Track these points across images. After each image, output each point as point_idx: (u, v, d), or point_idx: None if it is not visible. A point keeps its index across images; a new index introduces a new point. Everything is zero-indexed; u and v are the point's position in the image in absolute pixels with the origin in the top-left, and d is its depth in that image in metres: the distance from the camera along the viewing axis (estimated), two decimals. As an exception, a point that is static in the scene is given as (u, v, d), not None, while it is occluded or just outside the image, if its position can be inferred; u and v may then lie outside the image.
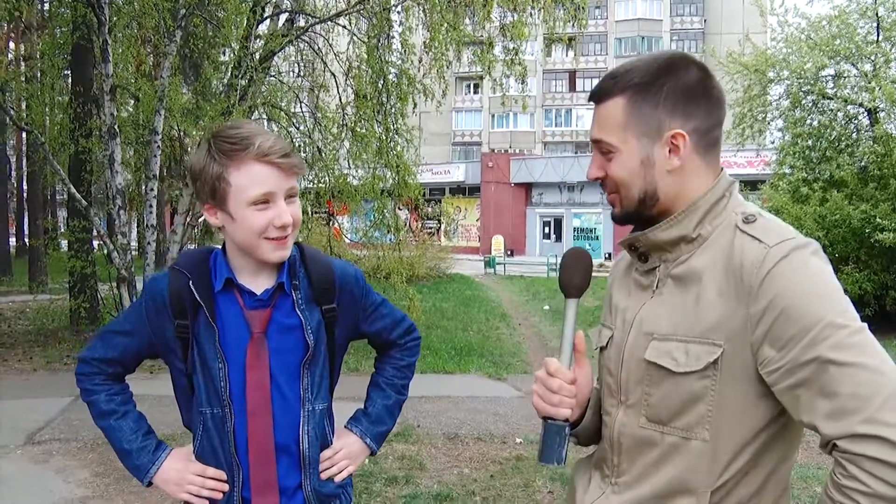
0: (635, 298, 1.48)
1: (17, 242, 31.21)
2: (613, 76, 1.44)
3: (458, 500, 4.76)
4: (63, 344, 10.45)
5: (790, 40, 15.49)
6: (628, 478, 1.44)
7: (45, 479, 5.22)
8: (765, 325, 1.24)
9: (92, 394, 1.88)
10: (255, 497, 1.77)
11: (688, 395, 1.32)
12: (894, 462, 1.10)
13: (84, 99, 11.14)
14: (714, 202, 1.39)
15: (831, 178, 13.52)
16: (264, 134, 1.69)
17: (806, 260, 1.26)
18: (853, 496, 1.13)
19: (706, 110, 1.39)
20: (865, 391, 1.14)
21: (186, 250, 2.12)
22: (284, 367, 1.78)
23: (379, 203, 11.30)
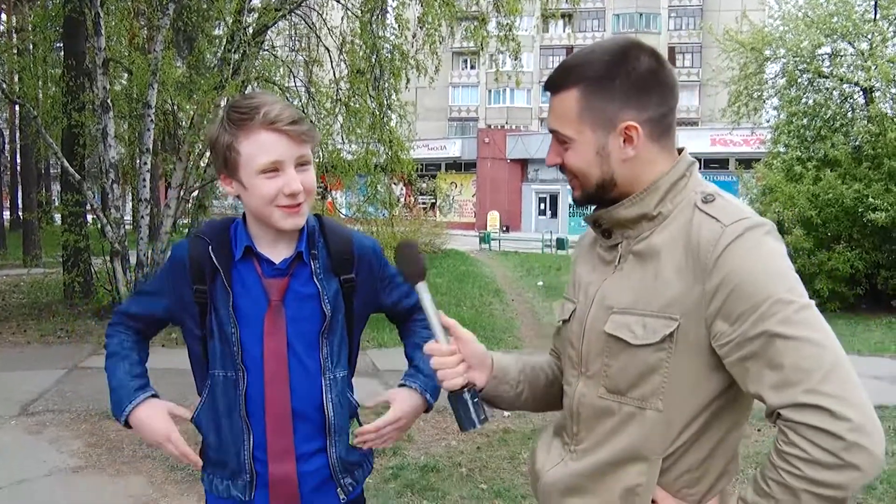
0: (598, 273, 1.54)
1: (11, 216, 31.12)
2: (567, 68, 1.48)
3: (444, 472, 4.84)
4: (57, 317, 10.49)
5: (787, 18, 15.44)
6: (586, 445, 1.50)
7: (38, 450, 5.28)
8: (718, 301, 1.30)
9: (109, 338, 1.96)
10: (272, 462, 1.79)
11: (644, 366, 1.38)
12: (831, 430, 1.16)
13: (76, 72, 11.08)
14: (674, 181, 1.45)
15: (825, 157, 13.55)
16: (274, 103, 1.71)
17: (759, 239, 1.31)
18: (793, 462, 1.20)
19: (659, 99, 1.43)
20: (808, 364, 1.20)
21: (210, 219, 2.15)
22: (302, 336, 1.81)
23: (372, 178, 11.30)
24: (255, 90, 11.68)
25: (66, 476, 4.83)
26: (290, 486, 1.81)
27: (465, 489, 4.55)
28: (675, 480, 1.42)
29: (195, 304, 1.81)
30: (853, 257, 12.56)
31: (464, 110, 56.50)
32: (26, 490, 4.57)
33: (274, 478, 1.81)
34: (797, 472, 1.19)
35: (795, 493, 1.20)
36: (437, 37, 10.21)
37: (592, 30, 53.54)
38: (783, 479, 1.21)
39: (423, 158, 41.09)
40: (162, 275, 1.92)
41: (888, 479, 4.74)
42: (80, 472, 4.89)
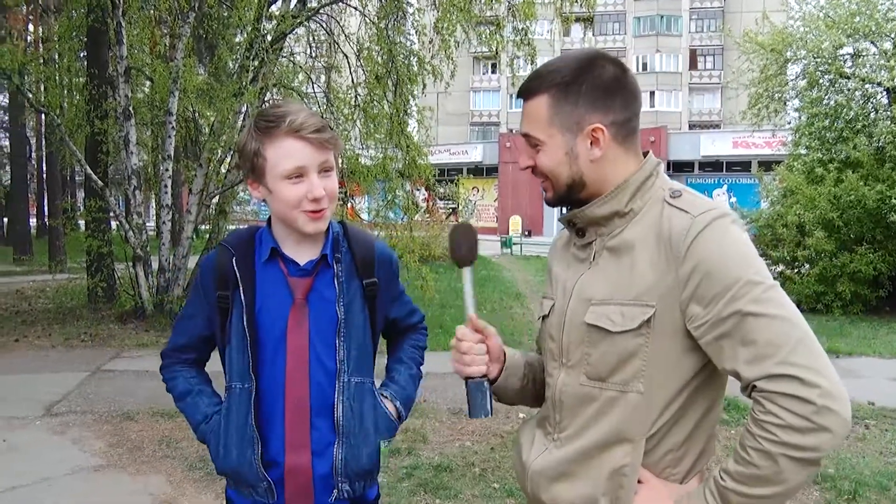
0: (573, 270, 1.63)
1: (37, 223, 31.60)
2: (538, 76, 1.58)
3: (458, 471, 4.88)
4: (81, 321, 10.66)
5: (808, 18, 15.32)
6: (570, 432, 1.58)
7: (62, 449, 5.40)
8: (692, 286, 1.40)
9: (170, 381, 2.00)
10: (290, 453, 1.84)
11: (624, 352, 1.47)
12: (802, 396, 1.27)
13: (99, 81, 11.27)
14: (643, 180, 1.55)
15: (847, 158, 13.40)
16: (300, 111, 1.78)
17: (726, 227, 1.42)
18: (769, 428, 1.29)
19: (622, 104, 1.54)
20: (778, 338, 1.32)
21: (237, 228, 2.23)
22: (322, 336, 1.86)
23: (391, 183, 11.37)
24: (273, 97, 11.81)
25: (87, 474, 4.93)
26: (305, 477, 1.85)
27: (478, 488, 4.59)
28: (658, 461, 1.50)
29: (217, 308, 1.88)
30: (876, 259, 12.40)
31: (485, 115, 56.47)
32: (50, 487, 4.67)
33: (290, 468, 1.84)
34: (774, 438, 1.29)
35: (773, 457, 1.29)
36: (453, 42, 10.27)
37: (613, 33, 53.38)
38: (761, 445, 1.30)
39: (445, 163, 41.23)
40: (195, 291, 1.98)
41: (903, 480, 4.72)
42: (102, 471, 4.99)
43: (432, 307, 12.09)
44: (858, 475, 4.82)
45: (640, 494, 1.48)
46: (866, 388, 7.24)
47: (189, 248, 10.66)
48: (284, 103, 1.85)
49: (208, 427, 1.92)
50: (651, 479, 1.50)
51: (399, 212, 12.18)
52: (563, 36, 46.82)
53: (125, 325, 10.28)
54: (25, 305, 12.68)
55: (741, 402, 6.20)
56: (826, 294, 12.57)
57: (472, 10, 10.34)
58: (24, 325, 10.58)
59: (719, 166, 36.28)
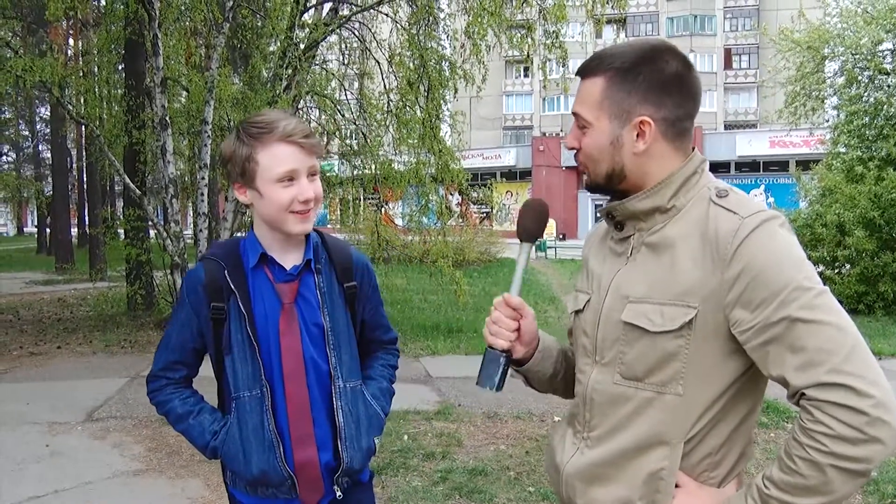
0: (610, 265, 1.60)
1: (78, 232, 32.21)
2: (599, 57, 1.54)
3: (492, 475, 4.87)
4: (121, 328, 10.85)
5: (845, 14, 15.10)
6: (600, 432, 1.55)
7: (103, 454, 5.50)
8: (738, 289, 1.36)
9: (166, 404, 2.02)
10: (297, 450, 1.92)
11: (662, 353, 1.44)
12: (855, 406, 1.22)
13: (137, 92, 11.48)
14: (687, 176, 1.51)
15: (888, 156, 13.15)
16: (288, 118, 1.87)
17: (775, 230, 1.38)
18: (818, 438, 1.25)
19: (677, 102, 1.50)
20: (830, 345, 1.27)
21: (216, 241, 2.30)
22: (313, 338, 1.94)
23: (424, 188, 11.39)
24: (307, 104, 11.92)
25: (127, 478, 5.01)
26: (314, 470, 1.93)
27: (513, 492, 4.57)
28: (696, 464, 1.46)
29: (210, 320, 1.93)
30: (919, 259, 12.16)
31: (518, 118, 56.39)
32: (91, 491, 4.76)
33: (300, 464, 1.91)
34: (823, 448, 1.24)
35: (822, 468, 1.25)
36: (485, 46, 10.25)
37: (647, 34, 52.91)
38: (809, 455, 1.26)
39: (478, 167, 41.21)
40: (181, 306, 2.01)
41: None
42: (141, 475, 5.07)
43: (466, 312, 12.09)
44: (903, 479, 4.71)
45: (679, 499, 1.45)
46: (911, 390, 7.07)
47: (226, 255, 10.78)
48: (266, 112, 1.93)
49: (219, 442, 1.94)
50: (689, 483, 1.46)
51: (433, 217, 12.20)
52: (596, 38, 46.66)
53: (164, 331, 10.42)
54: (67, 313, 12.94)
55: (780, 404, 6.10)
56: (868, 294, 12.32)
57: (503, 14, 10.31)
58: (66, 332, 10.79)
59: (756, 166, 35.82)
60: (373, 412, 2.03)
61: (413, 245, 16.04)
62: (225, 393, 1.97)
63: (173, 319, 2.05)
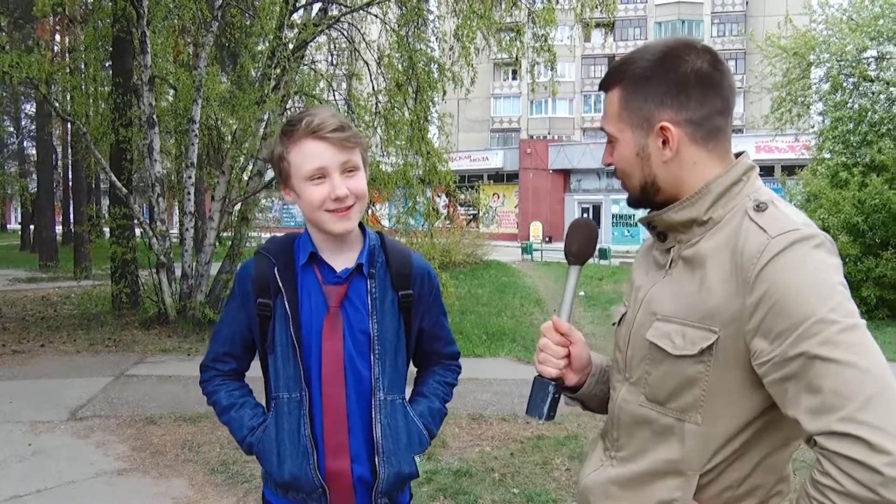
0: (650, 277, 1.52)
1: (63, 230, 31.98)
2: (615, 66, 1.48)
3: (477, 476, 4.88)
4: (105, 327, 10.78)
5: (831, 21, 15.24)
6: (625, 453, 1.50)
7: (86, 453, 5.46)
8: (758, 317, 1.24)
9: (213, 395, 1.99)
10: (329, 459, 1.84)
11: (682, 378, 1.35)
12: (868, 463, 1.08)
13: (124, 89, 11.43)
14: (728, 186, 1.39)
15: (872, 162, 13.30)
16: (319, 113, 1.79)
17: (806, 252, 1.24)
18: (827, 493, 1.12)
19: (699, 100, 1.38)
20: (848, 389, 1.12)
21: (274, 236, 2.21)
22: (357, 345, 1.86)
23: (411, 190, 11.41)
24: (295, 104, 11.90)
25: (111, 478, 4.98)
26: (346, 482, 1.86)
27: (497, 493, 4.59)
28: (715, 496, 1.37)
29: (257, 316, 1.88)
30: (902, 264, 12.29)
31: (506, 121, 56.43)
32: (74, 490, 4.73)
33: (331, 474, 1.85)
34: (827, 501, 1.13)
35: None
36: (474, 49, 10.29)
37: (634, 38, 53.17)
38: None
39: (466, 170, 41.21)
40: (232, 299, 1.97)
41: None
42: (125, 475, 5.04)
43: (452, 313, 12.10)
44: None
45: None
46: (892, 395, 7.15)
47: (211, 255, 10.75)
48: (307, 108, 1.89)
49: (255, 439, 1.90)
50: None
51: (420, 218, 12.21)
52: (584, 41, 46.75)
53: (148, 330, 10.39)
54: (51, 311, 12.85)
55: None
56: (851, 299, 12.44)
57: (492, 17, 10.37)
58: (50, 330, 10.72)
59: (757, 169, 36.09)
60: (415, 430, 1.92)
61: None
62: (267, 390, 1.93)
63: (225, 311, 2.01)
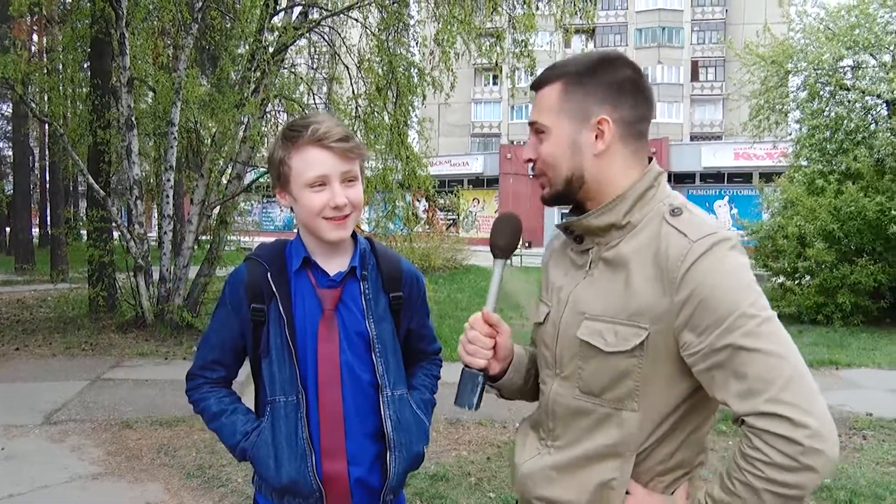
0: (570, 278, 1.61)
1: (39, 232, 31.67)
2: (553, 67, 1.59)
3: (454, 481, 4.89)
4: (82, 331, 10.68)
5: (808, 31, 15.40)
6: (562, 442, 1.59)
7: (61, 457, 5.41)
8: (686, 313, 1.38)
9: (201, 402, 1.98)
10: (326, 461, 1.85)
11: (616, 372, 1.47)
12: (791, 436, 1.26)
13: (102, 91, 11.34)
14: (642, 192, 1.52)
15: (847, 170, 13.44)
16: (325, 121, 1.81)
17: (725, 254, 1.39)
18: (756, 464, 1.29)
19: (633, 104, 1.53)
20: (770, 374, 1.29)
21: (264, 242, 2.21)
22: (353, 347, 1.89)
23: (391, 194, 11.41)
24: (275, 108, 11.87)
25: (85, 482, 4.94)
26: (342, 485, 1.87)
27: (474, 498, 4.60)
28: (647, 470, 1.51)
29: (250, 321, 1.89)
30: (876, 270, 12.40)
31: (486, 126, 56.53)
32: (47, 495, 4.69)
33: (328, 477, 1.86)
34: (759, 474, 1.29)
35: (757, 492, 1.30)
36: (454, 53, 10.31)
37: (615, 44, 53.47)
38: (747, 479, 1.31)
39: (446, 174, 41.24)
40: (222, 306, 1.96)
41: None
42: (100, 479, 5.00)
43: (431, 318, 12.10)
44: (854, 485, 4.83)
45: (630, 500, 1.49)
46: (865, 399, 7.25)
47: (190, 259, 10.69)
48: (311, 114, 1.90)
49: (249, 444, 1.89)
50: (638, 491, 1.50)
51: (399, 223, 12.21)
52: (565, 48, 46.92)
53: (126, 334, 10.30)
54: (27, 314, 12.71)
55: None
56: (826, 305, 12.58)
57: (472, 22, 10.39)
58: (25, 333, 10.60)
59: (721, 178, 36.37)
60: (419, 421, 1.96)
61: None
62: (261, 396, 1.92)
63: (214, 318, 2.01)
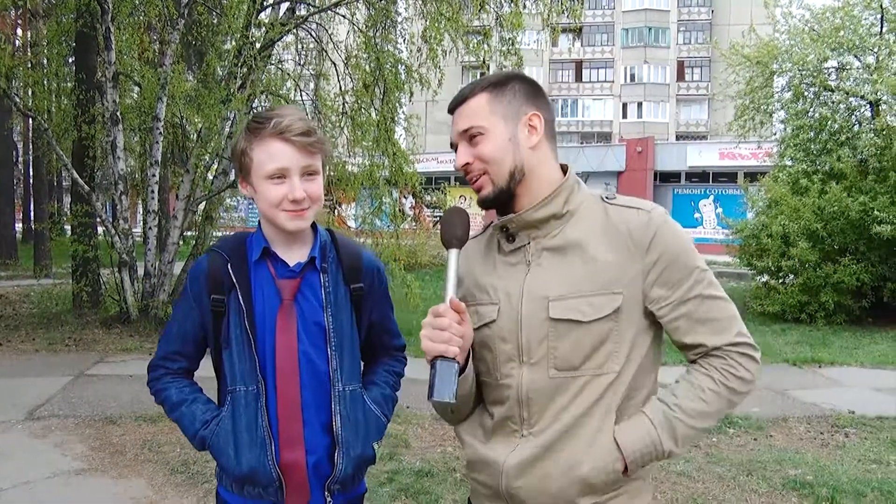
0: (510, 276, 1.70)
1: (23, 227, 31.41)
2: (469, 85, 1.72)
3: (439, 476, 4.90)
4: (65, 326, 10.62)
5: (793, 32, 15.47)
6: (543, 424, 1.63)
7: (44, 453, 5.38)
8: (657, 271, 1.61)
9: (162, 392, 1.99)
10: (284, 450, 1.86)
11: (596, 338, 1.61)
12: (754, 356, 1.64)
13: (87, 86, 11.26)
14: (573, 186, 1.71)
15: (831, 170, 13.52)
16: (288, 115, 1.83)
17: (674, 222, 1.67)
18: (728, 377, 1.62)
19: (547, 106, 1.72)
20: (729, 314, 1.65)
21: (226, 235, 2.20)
22: (311, 338, 1.89)
23: (377, 191, 11.40)
24: (261, 103, 11.83)
25: (69, 478, 4.91)
26: (300, 473, 1.88)
27: (459, 493, 4.61)
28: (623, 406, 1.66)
29: (211, 312, 1.90)
30: (859, 270, 12.50)
31: (474, 124, 56.34)
32: (30, 491, 4.66)
33: (286, 466, 1.87)
34: (727, 384, 1.62)
35: (722, 398, 1.63)
36: (441, 51, 10.31)
37: (602, 44, 53.70)
38: (718, 388, 1.62)
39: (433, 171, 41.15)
40: (184, 297, 1.98)
41: (879, 487, 4.77)
42: (83, 475, 4.98)
43: (417, 315, 12.10)
44: (836, 482, 4.87)
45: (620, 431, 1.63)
46: (847, 397, 7.32)
47: (175, 254, 10.64)
48: (278, 107, 1.90)
49: (209, 432, 1.90)
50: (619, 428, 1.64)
51: (386, 219, 12.21)
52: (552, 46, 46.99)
53: (110, 330, 10.24)
54: (10, 310, 12.61)
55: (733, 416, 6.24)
56: (810, 304, 12.68)
57: (460, 20, 10.39)
58: (8, 329, 10.53)
59: (706, 177, 36.46)
60: (372, 417, 1.97)
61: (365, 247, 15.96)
62: (222, 386, 1.94)
63: (175, 309, 2.03)
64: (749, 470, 5.16)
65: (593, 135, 52.38)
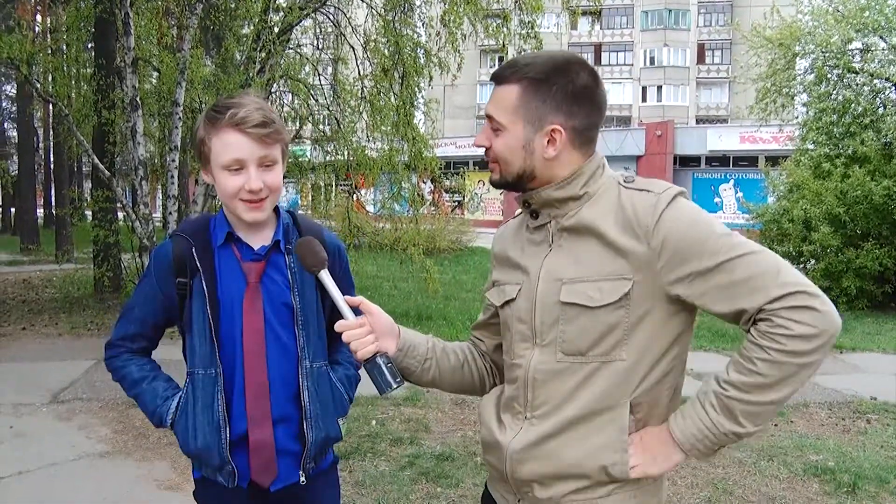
0: (533, 254, 1.69)
1: (44, 213, 31.70)
2: (514, 65, 1.64)
3: (459, 460, 4.92)
4: (87, 311, 10.73)
5: (817, 13, 15.26)
6: (545, 409, 1.62)
7: (68, 435, 5.45)
8: (668, 253, 1.50)
9: (122, 369, 2.03)
10: (252, 427, 1.91)
11: (604, 325, 1.55)
12: (808, 304, 1.39)
13: (107, 71, 11.30)
14: (595, 169, 1.64)
15: (854, 153, 13.36)
16: (248, 105, 1.83)
17: (686, 201, 1.56)
18: (778, 339, 1.40)
19: (587, 113, 1.62)
20: (764, 268, 1.43)
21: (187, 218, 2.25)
22: (279, 318, 1.93)
23: (396, 176, 11.39)
24: (280, 88, 11.82)
25: (93, 461, 4.98)
26: (268, 451, 1.93)
27: (479, 478, 4.62)
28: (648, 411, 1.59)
29: (176, 296, 1.93)
30: (882, 255, 12.37)
31: (491, 108, 56.11)
32: (56, 473, 4.73)
33: (254, 444, 1.91)
34: (782, 347, 1.39)
35: (780, 365, 1.40)
36: (460, 34, 10.25)
37: (621, 27, 53.20)
38: (770, 355, 1.41)
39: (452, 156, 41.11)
40: (147, 280, 2.00)
41: (903, 473, 4.74)
42: (107, 457, 5.04)
43: (436, 300, 12.12)
44: (858, 468, 4.84)
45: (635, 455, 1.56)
46: (869, 383, 7.26)
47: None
48: (237, 95, 1.89)
49: (166, 408, 1.95)
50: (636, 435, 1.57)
51: (405, 204, 12.20)
52: (571, 29, 46.64)
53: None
54: (32, 295, 12.76)
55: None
56: (831, 289, 12.55)
57: (479, 3, 10.31)
58: (31, 313, 10.66)
59: (726, 161, 36.14)
60: (338, 395, 2.02)
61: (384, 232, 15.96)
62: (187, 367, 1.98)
63: (137, 292, 2.04)
64: (770, 455, 5.13)
65: (612, 118, 51.97)
